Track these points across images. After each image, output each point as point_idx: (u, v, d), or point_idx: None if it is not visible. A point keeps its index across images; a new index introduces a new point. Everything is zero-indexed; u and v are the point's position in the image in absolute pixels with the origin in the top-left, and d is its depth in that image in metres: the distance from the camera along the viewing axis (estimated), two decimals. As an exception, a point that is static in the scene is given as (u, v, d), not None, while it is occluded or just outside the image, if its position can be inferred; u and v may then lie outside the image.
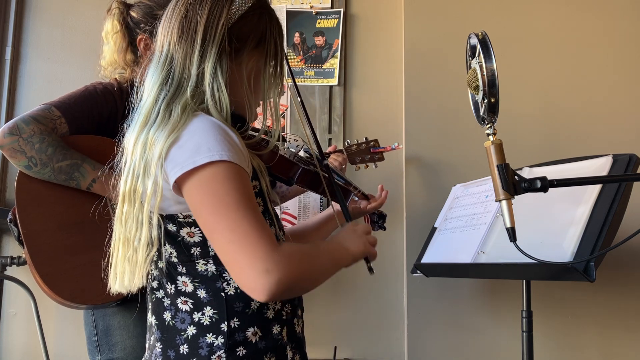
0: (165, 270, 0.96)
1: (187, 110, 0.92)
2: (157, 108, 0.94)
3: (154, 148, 0.89)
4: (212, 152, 0.85)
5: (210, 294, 0.94)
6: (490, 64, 1.00)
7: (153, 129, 0.92)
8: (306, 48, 2.37)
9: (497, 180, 1.01)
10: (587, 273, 1.25)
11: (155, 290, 1.00)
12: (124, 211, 0.95)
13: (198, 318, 0.93)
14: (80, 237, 1.34)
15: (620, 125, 2.26)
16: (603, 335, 2.15)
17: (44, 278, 1.30)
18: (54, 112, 1.36)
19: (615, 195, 1.34)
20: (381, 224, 1.56)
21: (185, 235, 0.94)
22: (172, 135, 0.89)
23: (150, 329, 1.01)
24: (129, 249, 0.96)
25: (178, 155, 0.87)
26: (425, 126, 2.29)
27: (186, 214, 0.93)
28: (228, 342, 0.92)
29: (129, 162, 0.95)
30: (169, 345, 0.95)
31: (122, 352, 1.42)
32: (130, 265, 0.96)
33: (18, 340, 2.21)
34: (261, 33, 1.03)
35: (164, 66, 0.96)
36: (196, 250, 0.94)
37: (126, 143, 0.98)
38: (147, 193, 0.90)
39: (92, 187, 1.35)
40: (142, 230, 0.93)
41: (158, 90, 0.95)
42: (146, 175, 0.90)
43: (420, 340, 2.16)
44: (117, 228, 0.98)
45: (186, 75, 0.95)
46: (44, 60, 2.37)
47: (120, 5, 1.52)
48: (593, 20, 2.34)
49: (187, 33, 0.96)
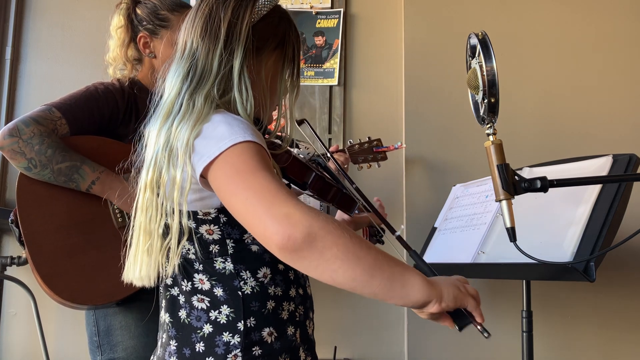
0: (181, 267, 0.96)
1: (209, 100, 0.93)
2: (180, 100, 0.94)
3: (180, 136, 0.90)
4: (235, 136, 0.86)
5: (227, 292, 0.93)
6: (490, 64, 1.00)
7: (177, 119, 0.92)
8: (306, 48, 2.37)
9: (497, 180, 1.01)
10: (587, 273, 1.25)
11: (170, 288, 0.99)
12: (146, 199, 0.94)
13: (215, 316, 0.93)
14: (81, 238, 1.35)
15: (620, 125, 2.26)
16: (603, 335, 2.15)
17: (44, 278, 1.30)
18: (54, 113, 1.36)
19: (615, 195, 1.34)
20: (379, 237, 1.57)
21: (204, 232, 0.94)
22: (197, 127, 0.89)
23: (163, 327, 1.00)
24: (148, 239, 0.95)
25: (203, 146, 0.88)
26: (425, 126, 2.29)
27: (206, 211, 0.93)
28: (244, 342, 0.92)
29: (151, 152, 0.95)
30: (184, 343, 0.95)
31: (124, 352, 1.42)
32: (148, 255, 0.95)
33: (18, 340, 2.21)
34: (281, 36, 1.04)
35: (186, 60, 0.97)
36: (215, 248, 0.94)
37: (147, 136, 0.98)
38: (176, 181, 0.89)
39: (91, 189, 1.35)
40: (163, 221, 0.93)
41: (181, 83, 0.96)
42: (171, 164, 0.90)
43: (420, 340, 2.16)
44: (138, 217, 0.96)
45: (208, 68, 0.96)
46: (44, 60, 2.37)
47: (129, 1, 1.53)
48: (593, 21, 2.34)
49: (211, 30, 0.97)
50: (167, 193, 0.92)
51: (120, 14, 1.53)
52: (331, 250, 0.78)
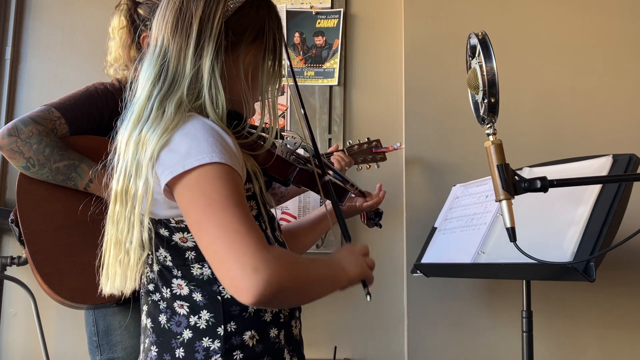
0: (160, 273, 0.95)
1: (181, 108, 0.90)
2: (150, 105, 0.91)
3: (146, 148, 0.87)
4: (203, 155, 0.83)
5: (206, 298, 0.92)
6: (490, 64, 1.00)
7: (146, 127, 0.89)
8: (306, 48, 2.37)
9: (497, 180, 1.01)
10: (587, 273, 1.25)
11: (151, 293, 0.98)
12: (116, 211, 0.92)
13: (194, 322, 0.92)
14: (81, 237, 1.35)
15: (620, 125, 2.26)
16: (603, 335, 2.15)
17: (44, 277, 1.31)
18: (53, 113, 1.36)
19: (615, 195, 1.34)
20: (377, 221, 1.54)
21: (178, 240, 0.92)
22: (164, 136, 0.86)
23: (145, 332, 0.99)
24: (120, 251, 0.93)
25: (169, 159, 0.85)
26: (425, 126, 2.29)
27: (178, 219, 0.91)
28: (224, 346, 0.91)
29: (121, 161, 0.92)
30: (164, 348, 0.94)
31: (123, 351, 1.42)
32: (121, 267, 0.93)
33: (18, 340, 2.21)
34: (259, 26, 0.99)
35: (157, 60, 0.93)
36: (191, 255, 0.92)
37: (119, 141, 0.95)
38: (139, 194, 0.88)
39: (88, 188, 1.36)
40: (133, 232, 0.90)
41: (151, 86, 0.92)
42: (138, 176, 0.88)
43: (420, 340, 2.16)
44: (109, 228, 0.95)
45: (180, 70, 0.92)
46: (44, 60, 2.37)
47: (129, 1, 1.53)
48: (593, 20, 2.34)
49: (182, 27, 0.92)
50: (135, 204, 0.90)
51: (121, 15, 1.52)
52: (292, 295, 0.85)
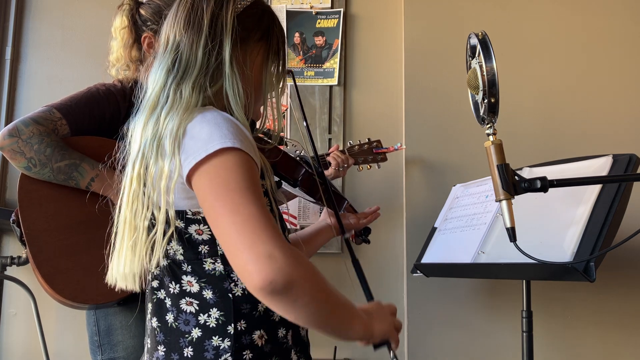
0: (169, 269, 0.94)
1: (197, 89, 0.92)
2: (166, 91, 0.93)
3: (169, 126, 0.88)
4: (225, 140, 0.84)
5: (217, 295, 0.91)
6: (490, 64, 1.00)
7: (165, 110, 0.91)
8: (306, 48, 2.37)
9: (497, 180, 1.01)
10: (587, 273, 1.25)
11: (156, 291, 0.97)
12: (132, 192, 0.92)
13: (204, 320, 0.91)
14: (82, 237, 1.35)
15: (620, 125, 2.26)
16: (603, 335, 2.15)
17: (45, 277, 1.31)
18: (54, 113, 1.36)
19: (615, 195, 1.34)
20: (365, 237, 1.57)
21: (193, 232, 0.92)
22: (187, 115, 0.88)
23: (152, 332, 0.98)
24: (134, 234, 0.93)
25: (191, 145, 0.86)
26: (425, 126, 2.29)
27: (195, 211, 0.91)
28: (235, 345, 0.90)
29: (137, 145, 0.93)
30: (172, 348, 0.93)
31: (124, 351, 1.42)
32: (132, 252, 0.93)
33: (18, 340, 2.21)
34: (265, 27, 1.03)
35: (170, 54, 0.96)
36: (204, 249, 0.92)
37: (132, 130, 0.96)
38: (164, 171, 0.87)
39: (90, 186, 1.36)
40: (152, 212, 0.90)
41: (165, 76, 0.94)
42: (159, 155, 0.88)
43: (420, 340, 2.16)
44: (123, 211, 0.94)
45: (193, 59, 0.94)
46: (44, 60, 2.37)
47: (131, 1, 1.54)
48: (593, 20, 2.34)
49: (193, 21, 0.96)
50: (154, 184, 0.89)
51: (123, 15, 1.53)
52: (303, 299, 0.80)
